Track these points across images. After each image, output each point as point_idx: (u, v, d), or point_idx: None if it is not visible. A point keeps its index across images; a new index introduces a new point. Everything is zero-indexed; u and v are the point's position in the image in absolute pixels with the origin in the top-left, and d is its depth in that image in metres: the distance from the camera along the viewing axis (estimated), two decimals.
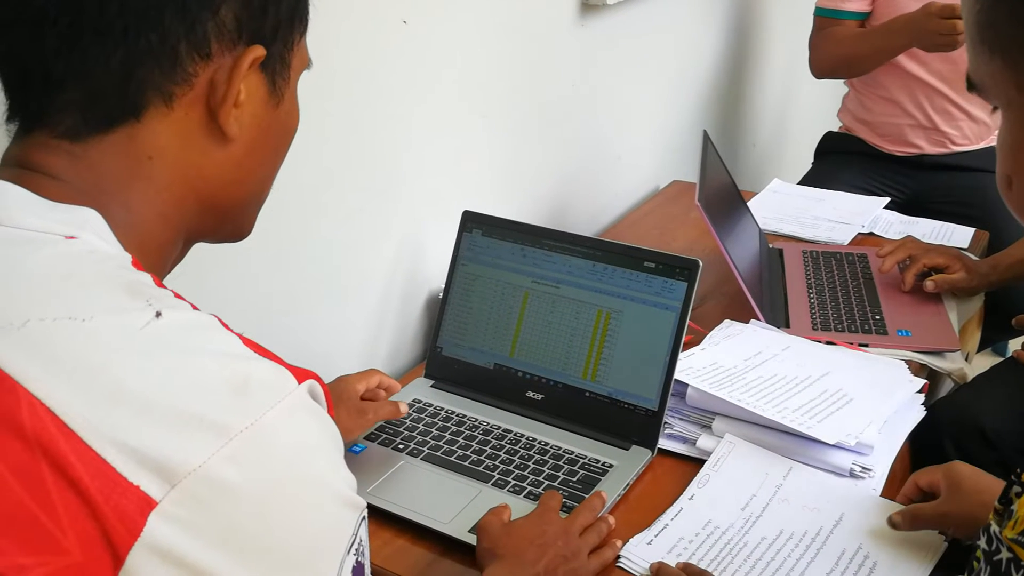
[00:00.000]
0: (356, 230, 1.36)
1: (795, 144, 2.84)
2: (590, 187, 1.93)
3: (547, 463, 1.20)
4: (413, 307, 1.51)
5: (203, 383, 0.52)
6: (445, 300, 1.39)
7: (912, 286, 1.57)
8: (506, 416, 1.29)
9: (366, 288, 1.42)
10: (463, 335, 1.37)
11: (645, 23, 1.96)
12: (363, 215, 1.37)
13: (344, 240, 1.34)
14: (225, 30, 0.61)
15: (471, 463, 1.20)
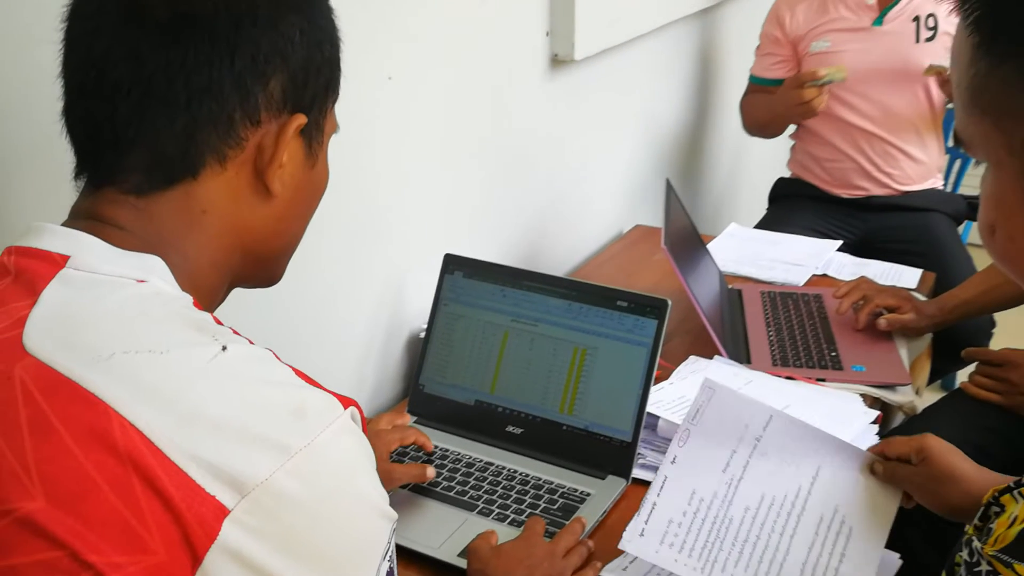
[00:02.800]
0: (343, 274, 1.43)
1: (750, 190, 2.97)
2: (559, 231, 2.02)
3: (529, 492, 1.27)
4: (395, 346, 1.58)
5: (267, 408, 0.60)
6: (427, 339, 1.46)
7: (865, 325, 1.68)
8: (487, 450, 1.36)
9: (351, 329, 1.48)
10: (445, 373, 1.44)
11: (610, 78, 2.07)
12: (349, 259, 1.44)
13: (331, 283, 1.41)
14: (273, 100, 0.70)
15: (456, 493, 1.27)
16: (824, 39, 2.27)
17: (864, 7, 2.24)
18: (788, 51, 2.35)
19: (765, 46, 2.40)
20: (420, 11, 1.46)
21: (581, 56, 1.84)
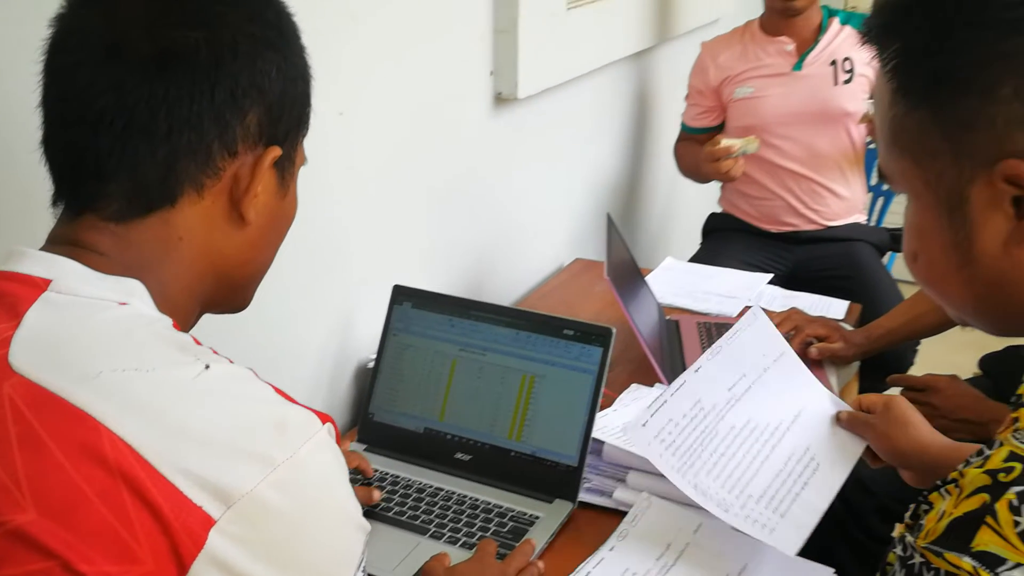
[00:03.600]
0: (292, 305, 1.46)
1: (684, 224, 3.06)
2: (503, 264, 2.07)
3: (479, 516, 1.30)
4: (344, 376, 1.61)
5: (251, 422, 0.63)
6: (377, 369, 1.48)
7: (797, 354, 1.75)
8: (437, 476, 1.39)
9: (301, 360, 1.51)
10: (394, 401, 1.47)
11: (552, 116, 2.14)
12: (299, 291, 1.46)
13: (281, 315, 1.43)
14: (250, 133, 0.73)
15: (408, 518, 1.30)
16: (747, 85, 2.38)
17: (783, 53, 2.36)
18: (713, 101, 2.46)
19: (692, 96, 2.50)
20: (370, 48, 1.51)
21: (524, 95, 1.89)
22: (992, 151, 0.66)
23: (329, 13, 1.40)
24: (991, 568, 0.57)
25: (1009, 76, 0.65)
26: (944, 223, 0.72)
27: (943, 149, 0.69)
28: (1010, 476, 0.60)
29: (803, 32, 2.36)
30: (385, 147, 1.60)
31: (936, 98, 0.69)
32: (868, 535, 1.54)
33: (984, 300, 0.74)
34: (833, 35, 2.34)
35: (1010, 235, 0.68)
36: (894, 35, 0.72)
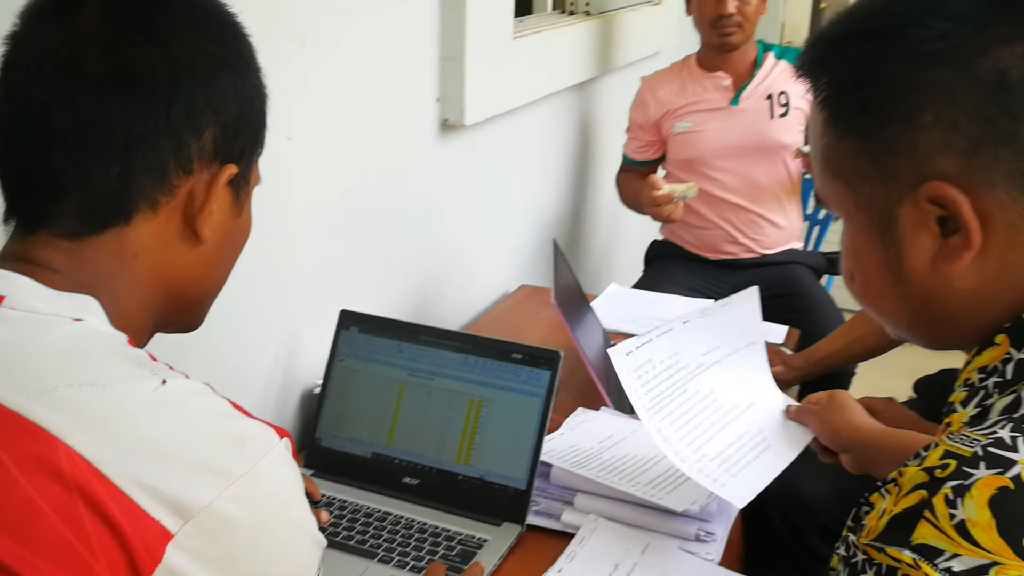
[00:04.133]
0: (237, 330, 1.44)
1: (627, 252, 3.10)
2: (450, 289, 2.07)
3: (427, 540, 1.30)
4: (290, 402, 1.60)
5: (209, 436, 0.63)
6: (324, 394, 1.48)
7: None
8: (386, 500, 1.39)
9: (246, 384, 1.49)
10: (341, 426, 1.46)
11: (498, 143, 2.16)
12: (244, 317, 1.45)
13: (226, 339, 1.42)
14: (205, 151, 0.74)
15: (356, 542, 1.29)
16: (686, 120, 2.44)
17: (720, 88, 2.42)
18: (653, 135, 2.51)
19: (633, 129, 2.56)
20: (318, 73, 1.52)
21: (471, 122, 1.91)
22: (916, 174, 0.70)
23: (278, 38, 1.41)
24: (930, 559, 0.60)
25: (929, 105, 0.69)
26: (876, 243, 0.75)
27: (872, 173, 0.73)
28: (945, 472, 0.62)
29: (739, 67, 2.43)
30: (332, 172, 1.61)
31: (864, 126, 0.73)
32: (809, 554, 1.57)
33: (917, 315, 0.77)
34: (768, 70, 2.41)
35: (937, 253, 0.71)
36: (825, 68, 0.76)
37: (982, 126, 0.68)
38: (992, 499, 0.59)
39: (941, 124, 0.68)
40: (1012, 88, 0.67)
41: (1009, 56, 0.67)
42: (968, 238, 0.69)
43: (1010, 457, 0.61)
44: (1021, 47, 0.67)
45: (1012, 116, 0.67)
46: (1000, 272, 0.70)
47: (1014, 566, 0.58)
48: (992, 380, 0.71)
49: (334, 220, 1.64)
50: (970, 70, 0.68)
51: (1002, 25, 0.68)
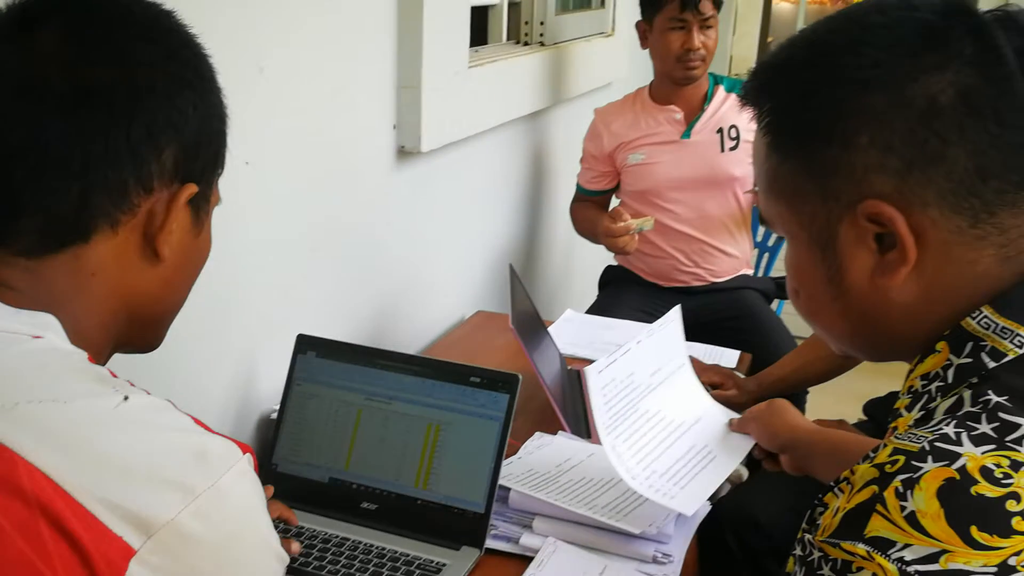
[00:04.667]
0: (194, 355, 1.43)
1: (581, 278, 3.13)
2: (406, 315, 2.07)
3: (385, 565, 1.30)
4: (247, 427, 1.58)
5: (171, 452, 0.63)
6: (280, 419, 1.47)
7: None
8: (343, 526, 1.38)
9: (202, 409, 1.47)
10: (298, 452, 1.46)
11: (454, 170, 2.18)
12: (201, 341, 1.44)
13: (183, 363, 1.41)
14: (165, 170, 0.74)
15: (314, 568, 1.28)
16: (639, 152, 2.47)
17: (673, 121, 2.46)
18: (607, 166, 2.54)
19: (587, 160, 2.58)
20: (277, 99, 1.52)
21: (427, 148, 1.93)
22: (854, 194, 0.74)
23: (236, 63, 1.41)
24: (883, 551, 0.62)
25: (865, 128, 0.73)
26: (818, 260, 0.79)
27: (813, 194, 0.77)
28: (895, 467, 0.65)
29: (692, 101, 2.47)
30: (290, 197, 1.61)
31: (804, 149, 0.77)
32: (764, 575, 1.59)
33: (858, 328, 0.81)
34: (719, 103, 2.46)
35: (875, 268, 0.75)
36: (767, 96, 0.80)
37: (915, 148, 0.71)
38: (940, 490, 0.62)
39: (877, 146, 0.72)
40: (942, 113, 0.71)
41: (939, 83, 0.71)
42: (904, 254, 0.73)
43: (955, 450, 0.64)
44: (950, 74, 0.71)
45: (942, 139, 0.71)
46: (935, 285, 0.74)
47: (962, 553, 0.60)
48: (935, 385, 0.74)
49: (291, 245, 1.64)
50: (903, 95, 0.72)
51: (932, 54, 0.72)
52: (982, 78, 0.71)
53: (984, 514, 0.61)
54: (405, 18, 1.84)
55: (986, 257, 0.73)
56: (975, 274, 0.73)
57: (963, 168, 0.71)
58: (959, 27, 0.73)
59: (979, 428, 0.66)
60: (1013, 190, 0.72)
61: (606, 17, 3.05)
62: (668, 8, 2.38)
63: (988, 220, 0.72)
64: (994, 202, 0.72)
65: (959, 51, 0.72)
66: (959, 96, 0.71)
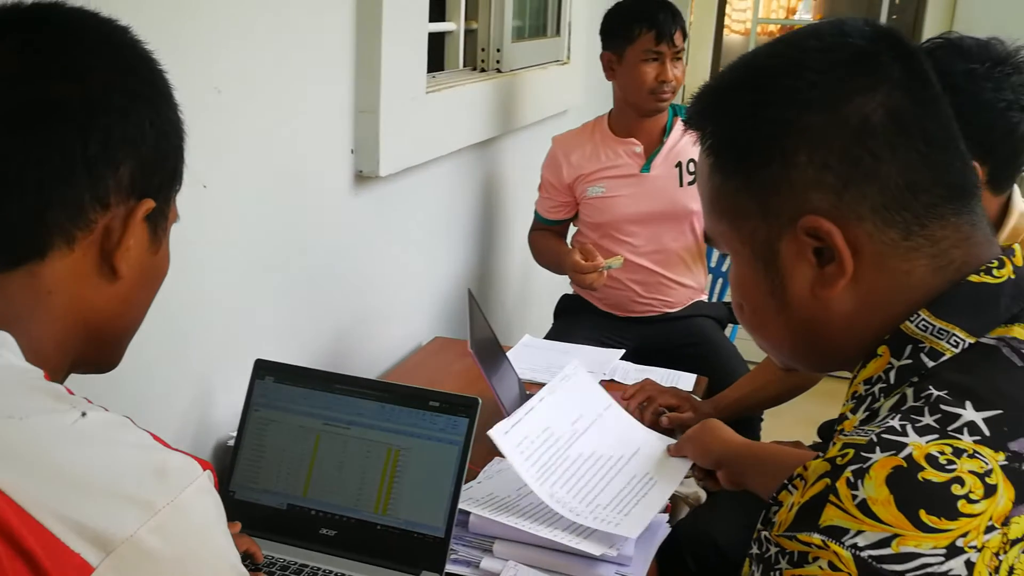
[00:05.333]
0: (150, 380, 1.42)
1: (539, 304, 3.13)
2: (363, 340, 2.06)
3: None
4: (203, 453, 1.56)
5: (130, 468, 0.62)
6: (238, 446, 1.45)
7: (651, 423, 1.82)
8: (302, 552, 1.37)
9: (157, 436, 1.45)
10: (256, 478, 1.44)
11: (412, 195, 2.18)
12: (156, 366, 1.43)
13: (138, 389, 1.39)
14: (122, 186, 0.73)
15: None
16: (599, 185, 2.47)
17: (632, 155, 2.46)
18: (567, 196, 2.54)
19: (546, 189, 2.56)
20: (234, 122, 1.52)
21: (385, 173, 1.93)
22: (794, 210, 0.77)
23: (192, 85, 1.40)
24: (837, 538, 0.64)
25: (803, 147, 0.77)
26: (761, 274, 0.82)
27: (755, 211, 0.80)
28: (845, 459, 0.67)
29: (651, 133, 2.47)
30: (248, 221, 1.60)
31: (745, 169, 0.81)
32: None
33: (801, 339, 0.84)
34: (678, 136, 2.47)
35: (815, 280, 0.78)
36: (709, 118, 0.84)
37: (849, 165, 0.76)
38: (889, 477, 0.65)
39: (814, 164, 0.76)
40: (874, 131, 0.75)
41: (871, 103, 0.76)
42: (842, 266, 0.76)
43: (901, 441, 0.67)
44: (880, 95, 0.76)
45: (874, 156, 0.75)
46: (872, 294, 0.78)
47: (912, 536, 0.63)
48: (877, 387, 0.78)
49: (249, 269, 1.62)
50: (838, 115, 0.76)
51: (863, 77, 0.76)
52: (910, 100, 0.77)
53: (931, 498, 0.64)
54: (363, 42, 1.85)
55: (919, 267, 0.77)
56: (910, 283, 0.77)
57: (895, 184, 0.75)
58: (887, 52, 0.78)
59: (922, 420, 0.69)
60: (942, 204, 0.77)
61: (561, 45, 3.08)
62: (642, 40, 2.37)
63: (920, 232, 0.76)
64: (925, 215, 0.76)
65: (888, 74, 0.77)
66: (889, 116, 0.76)
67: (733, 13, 4.40)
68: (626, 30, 2.39)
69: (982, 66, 1.37)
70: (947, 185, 0.77)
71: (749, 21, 4.36)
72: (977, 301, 0.76)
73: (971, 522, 0.63)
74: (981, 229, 0.79)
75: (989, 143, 1.38)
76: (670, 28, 2.37)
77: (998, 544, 0.63)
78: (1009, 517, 0.64)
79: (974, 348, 0.74)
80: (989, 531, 0.63)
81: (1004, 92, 1.37)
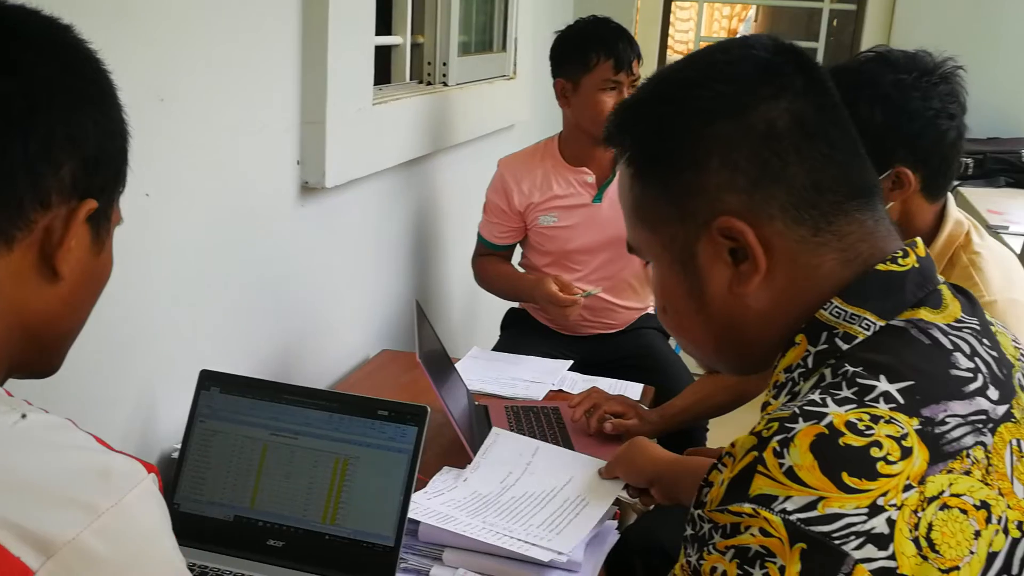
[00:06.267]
0: (89, 391, 1.39)
1: (487, 317, 3.13)
2: (310, 353, 2.05)
3: None
4: None
5: (73, 470, 0.61)
6: (182, 457, 1.43)
7: (596, 429, 1.83)
8: (249, 564, 1.35)
9: None
10: (201, 490, 1.42)
11: (359, 207, 2.17)
12: (97, 376, 1.40)
13: (77, 400, 1.36)
14: (64, 186, 0.72)
15: None
16: (551, 215, 2.44)
17: (585, 184, 2.43)
18: (517, 222, 2.49)
19: (494, 213, 2.50)
20: (178, 131, 1.50)
21: (331, 184, 1.92)
22: (708, 212, 0.82)
23: (135, 92, 1.37)
24: (767, 505, 0.67)
25: (715, 151, 0.81)
26: (680, 277, 0.86)
27: (672, 216, 0.85)
28: (771, 431, 0.70)
29: (602, 162, 2.44)
30: (192, 230, 1.58)
31: (663, 175, 0.85)
32: None
33: (722, 338, 0.87)
34: None
35: (732, 279, 0.83)
36: (628, 131, 0.89)
37: (758, 168, 0.80)
38: (812, 444, 0.68)
39: (726, 168, 0.81)
40: (780, 136, 0.81)
41: (775, 109, 0.81)
42: (755, 263, 0.81)
43: (822, 411, 0.71)
44: (784, 102, 0.81)
45: (781, 159, 0.80)
46: (786, 290, 0.82)
47: (836, 498, 0.66)
48: (797, 372, 0.82)
49: (193, 279, 1.61)
50: (746, 122, 0.81)
51: (768, 86, 0.82)
52: (812, 107, 0.82)
53: (852, 461, 0.68)
54: (309, 54, 1.85)
55: (829, 261, 0.81)
56: (820, 276, 0.81)
57: (801, 184, 0.80)
58: (789, 65, 0.84)
59: (841, 393, 0.73)
60: (846, 201, 0.82)
61: (507, 60, 3.10)
62: (600, 69, 2.32)
63: (827, 228, 0.81)
64: (831, 212, 0.81)
65: (791, 84, 0.82)
66: (793, 121, 0.81)
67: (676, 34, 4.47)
68: (582, 58, 2.34)
69: (909, 76, 1.42)
70: (850, 184, 0.82)
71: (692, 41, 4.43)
72: (885, 287, 0.80)
73: (890, 482, 0.67)
74: (884, 224, 0.84)
75: (921, 151, 1.43)
76: (628, 56, 2.34)
77: (916, 502, 0.67)
78: (925, 476, 0.68)
79: (884, 330, 0.79)
80: (907, 490, 0.67)
81: (932, 101, 1.41)
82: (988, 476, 0.70)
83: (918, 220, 1.48)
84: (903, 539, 0.65)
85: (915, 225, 1.47)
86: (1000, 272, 1.47)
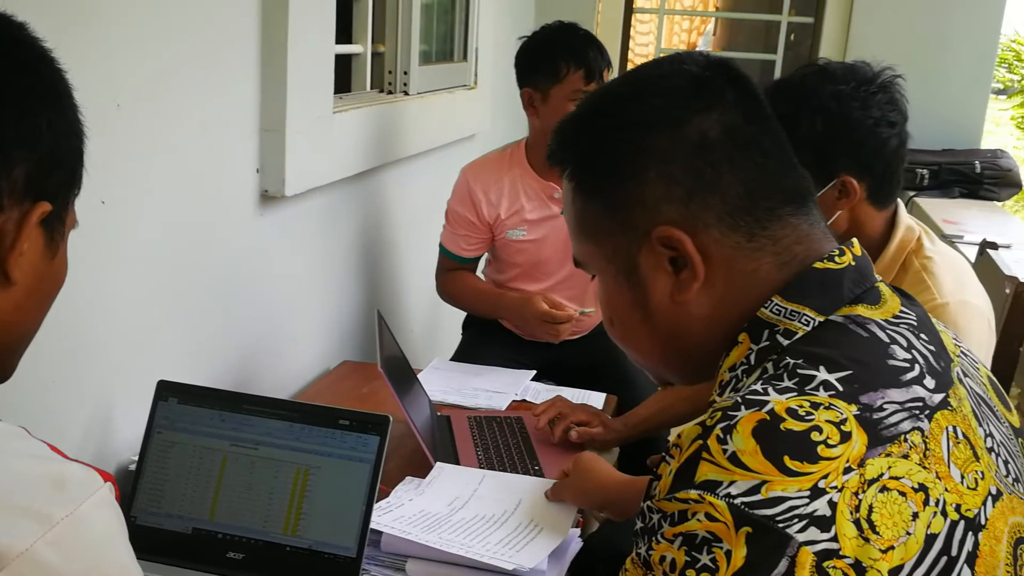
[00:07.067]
0: (43, 401, 1.36)
1: (449, 326, 3.12)
2: (269, 364, 2.02)
3: None
4: None
5: (26, 479, 0.59)
6: (140, 470, 1.41)
7: (560, 438, 1.83)
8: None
9: None
10: (159, 503, 1.39)
11: (318, 215, 2.16)
12: (51, 386, 1.37)
13: (31, 410, 1.34)
14: (17, 187, 0.70)
15: None
16: (520, 228, 2.41)
17: (553, 199, 2.38)
18: (484, 233, 2.43)
19: (459, 225, 2.43)
20: (135, 137, 1.48)
21: (291, 192, 1.90)
22: (648, 223, 0.84)
23: (91, 97, 1.35)
24: (712, 491, 0.68)
25: (652, 163, 0.84)
26: (625, 288, 0.88)
27: (614, 228, 0.87)
28: (714, 420, 0.72)
29: None
30: (149, 239, 1.56)
31: (603, 189, 0.87)
32: None
33: (668, 346, 0.89)
34: None
35: (673, 287, 0.85)
36: (568, 148, 0.91)
37: (694, 178, 0.83)
38: (754, 430, 0.70)
39: (663, 179, 0.83)
40: (713, 146, 0.83)
41: (707, 121, 0.84)
42: (694, 271, 0.83)
43: (764, 399, 0.73)
44: (716, 114, 0.84)
45: (715, 169, 0.83)
46: (726, 295, 0.84)
47: (779, 481, 0.68)
48: (740, 370, 0.84)
49: (151, 288, 1.58)
50: (680, 133, 0.84)
51: (700, 99, 0.85)
52: (743, 118, 0.85)
53: (793, 445, 0.69)
54: (268, 61, 1.83)
55: (765, 265, 0.84)
56: (758, 280, 0.84)
57: (736, 193, 0.83)
58: (720, 78, 0.87)
59: (782, 383, 0.75)
60: (780, 207, 0.84)
61: (468, 70, 3.10)
62: (571, 80, 2.27)
63: (762, 234, 0.84)
64: (765, 218, 0.84)
65: (722, 96, 0.85)
66: (725, 132, 0.84)
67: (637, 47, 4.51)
68: (552, 68, 2.28)
69: (848, 87, 1.44)
70: (783, 190, 0.85)
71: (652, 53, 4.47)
72: (823, 284, 0.83)
73: (830, 465, 0.69)
74: (818, 227, 0.87)
75: (864, 159, 1.45)
76: (599, 65, 2.31)
77: (856, 484, 0.68)
78: (864, 459, 0.70)
79: (823, 325, 0.81)
80: (847, 472, 0.69)
81: (872, 110, 1.44)
82: (926, 460, 0.72)
83: (868, 228, 1.50)
84: (844, 521, 0.67)
85: (866, 233, 1.49)
86: (952, 276, 1.49)
